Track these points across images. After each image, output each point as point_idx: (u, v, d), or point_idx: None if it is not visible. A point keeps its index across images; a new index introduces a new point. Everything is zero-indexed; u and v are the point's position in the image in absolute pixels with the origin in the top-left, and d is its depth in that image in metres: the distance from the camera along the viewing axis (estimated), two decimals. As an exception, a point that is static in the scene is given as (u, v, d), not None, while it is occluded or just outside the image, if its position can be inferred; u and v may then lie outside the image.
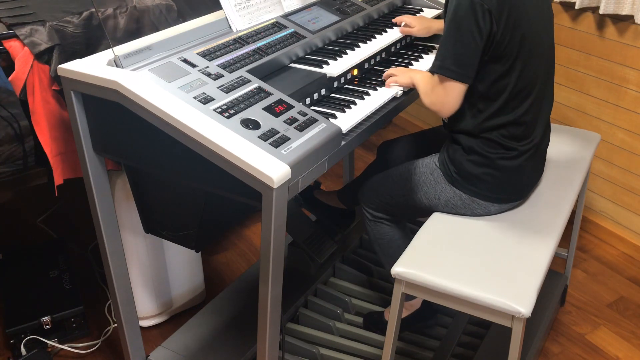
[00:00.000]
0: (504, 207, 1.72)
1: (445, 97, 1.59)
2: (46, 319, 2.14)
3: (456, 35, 1.52)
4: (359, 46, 1.86)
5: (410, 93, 1.77)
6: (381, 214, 1.87)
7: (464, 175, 1.67)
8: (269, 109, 1.41)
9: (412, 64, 1.92)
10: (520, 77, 1.58)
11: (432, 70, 1.59)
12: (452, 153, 1.69)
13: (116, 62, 1.44)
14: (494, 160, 1.64)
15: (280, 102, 1.44)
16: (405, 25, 2.01)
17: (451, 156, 1.69)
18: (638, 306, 2.41)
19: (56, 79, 1.67)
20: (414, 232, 1.70)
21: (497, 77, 1.57)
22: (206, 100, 1.38)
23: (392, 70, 1.77)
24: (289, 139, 1.33)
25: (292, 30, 1.79)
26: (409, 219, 2.01)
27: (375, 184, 1.87)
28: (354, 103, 1.63)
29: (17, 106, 2.74)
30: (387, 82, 1.74)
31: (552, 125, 1.95)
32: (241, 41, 1.66)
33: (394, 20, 2.06)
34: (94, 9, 1.76)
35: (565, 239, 2.16)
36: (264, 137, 1.31)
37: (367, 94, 1.69)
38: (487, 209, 1.70)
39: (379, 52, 1.90)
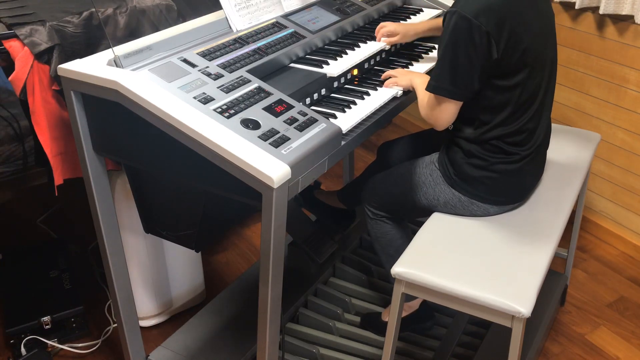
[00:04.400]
0: (504, 209, 1.72)
1: (440, 113, 1.59)
2: (46, 319, 2.14)
3: (453, 56, 1.50)
4: (359, 46, 1.86)
5: (410, 93, 1.77)
6: (382, 213, 1.87)
7: (463, 177, 1.67)
8: (269, 109, 1.41)
9: (412, 64, 1.92)
10: (524, 89, 1.57)
11: (428, 89, 1.58)
12: (451, 155, 1.69)
13: (116, 62, 1.44)
14: (494, 164, 1.64)
15: (280, 102, 1.44)
16: (389, 35, 1.91)
17: (451, 158, 1.69)
18: (638, 306, 2.41)
19: (56, 79, 1.67)
20: (414, 232, 1.69)
21: (501, 92, 1.56)
22: (206, 100, 1.38)
23: (392, 71, 1.77)
24: (289, 139, 1.33)
25: (292, 30, 1.79)
26: (409, 219, 2.01)
27: (376, 183, 1.87)
28: (354, 103, 1.63)
29: (17, 106, 2.73)
30: (386, 83, 1.74)
31: (552, 125, 1.94)
32: (241, 41, 1.66)
33: (376, 34, 1.91)
34: (94, 9, 1.76)
35: (565, 239, 2.16)
36: (264, 137, 1.31)
37: (367, 94, 1.69)
38: (486, 211, 1.70)
39: (379, 52, 1.90)
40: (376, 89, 1.73)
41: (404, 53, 2.02)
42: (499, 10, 1.47)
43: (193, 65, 1.49)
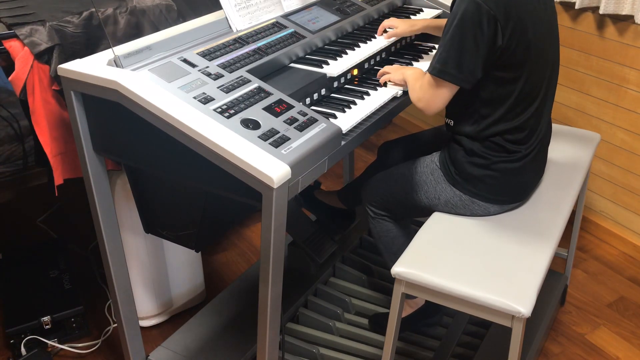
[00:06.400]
0: (504, 208, 1.72)
1: (435, 98, 1.58)
2: (46, 319, 2.14)
3: (460, 40, 1.50)
4: (359, 46, 1.86)
5: (410, 93, 1.77)
6: (383, 212, 1.87)
7: (465, 176, 1.67)
8: (269, 109, 1.41)
9: (411, 64, 1.92)
10: (526, 83, 1.57)
11: (432, 73, 1.56)
12: (453, 154, 1.69)
13: (116, 62, 1.44)
14: (496, 163, 1.64)
15: (280, 102, 1.45)
16: (390, 27, 1.95)
17: (452, 157, 1.69)
18: (638, 306, 2.41)
19: (56, 79, 1.67)
20: (415, 232, 1.69)
21: (503, 84, 1.56)
22: (206, 100, 1.38)
23: (385, 68, 1.78)
24: (289, 139, 1.33)
25: (292, 30, 1.79)
26: (409, 218, 2.01)
27: (377, 182, 1.87)
28: (354, 103, 1.63)
29: (17, 106, 2.73)
30: (381, 80, 1.75)
31: (552, 125, 1.95)
32: (241, 41, 1.66)
33: (378, 34, 1.96)
34: (94, 9, 1.76)
35: (565, 239, 2.16)
36: (264, 137, 1.31)
37: (367, 94, 1.69)
38: (486, 210, 1.70)
39: (379, 52, 1.90)
40: (376, 89, 1.73)
41: (404, 53, 2.03)
42: None
43: (193, 65, 1.49)
